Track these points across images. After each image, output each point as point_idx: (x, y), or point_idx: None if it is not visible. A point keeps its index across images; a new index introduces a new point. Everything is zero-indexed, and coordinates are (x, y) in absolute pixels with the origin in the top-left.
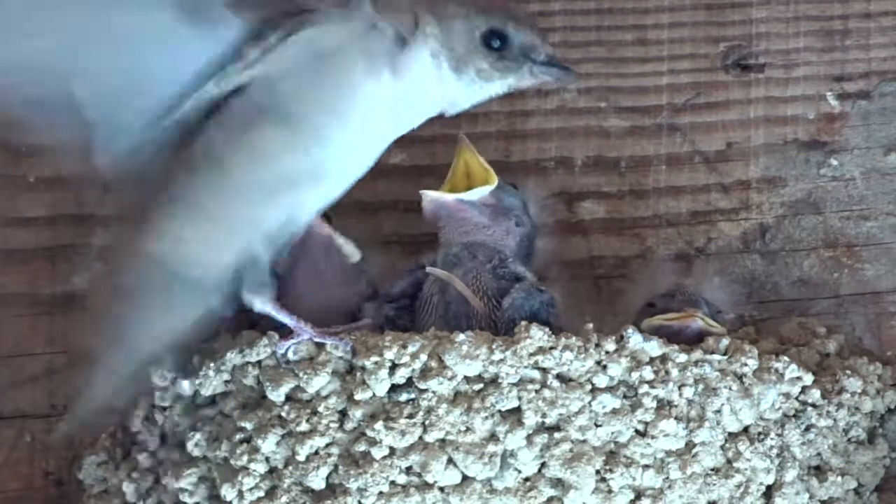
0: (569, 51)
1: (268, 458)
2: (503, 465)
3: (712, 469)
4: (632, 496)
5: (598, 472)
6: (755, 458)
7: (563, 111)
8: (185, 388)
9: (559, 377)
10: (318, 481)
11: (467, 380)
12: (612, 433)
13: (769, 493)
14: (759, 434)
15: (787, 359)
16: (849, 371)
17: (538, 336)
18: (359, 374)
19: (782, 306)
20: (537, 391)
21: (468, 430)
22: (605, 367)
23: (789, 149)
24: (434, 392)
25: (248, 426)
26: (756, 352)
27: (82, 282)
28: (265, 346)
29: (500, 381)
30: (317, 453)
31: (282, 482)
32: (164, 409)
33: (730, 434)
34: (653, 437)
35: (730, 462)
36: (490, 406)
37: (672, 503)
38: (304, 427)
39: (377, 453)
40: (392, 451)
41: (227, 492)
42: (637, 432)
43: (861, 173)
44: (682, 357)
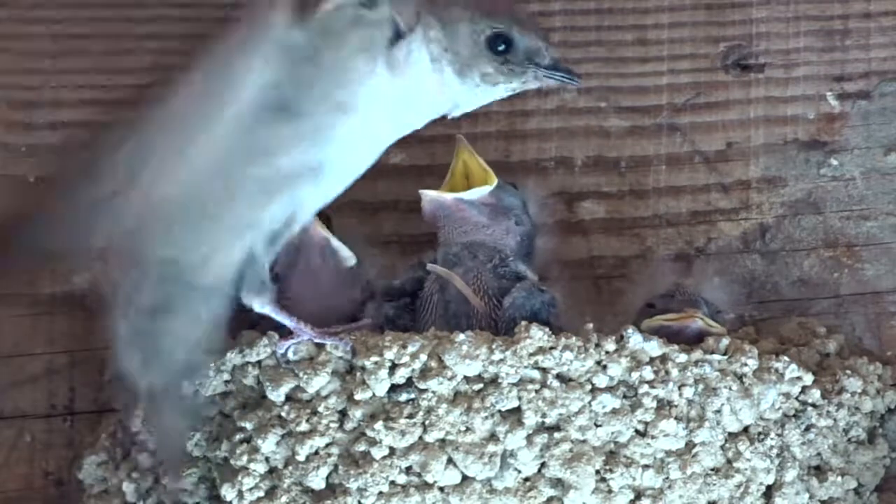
0: (569, 51)
1: (268, 458)
2: (503, 465)
3: (712, 469)
4: (632, 496)
5: (598, 472)
6: (755, 458)
7: (563, 111)
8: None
9: (559, 377)
10: (318, 481)
11: (467, 380)
12: (612, 433)
13: (769, 493)
14: (759, 434)
15: (787, 359)
16: (849, 371)
17: (538, 336)
18: (359, 374)
19: (782, 306)
20: (537, 391)
21: (468, 430)
22: (605, 367)
23: (789, 149)
24: (434, 392)
25: (248, 426)
26: (756, 352)
27: (82, 282)
28: (265, 346)
29: (500, 381)
30: (317, 453)
31: (282, 482)
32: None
33: (730, 434)
34: (653, 437)
35: (730, 462)
36: (490, 406)
37: (672, 503)
38: (304, 427)
39: (377, 453)
40: (392, 451)
41: (227, 492)
42: (637, 432)
43: (861, 173)
44: (682, 357)
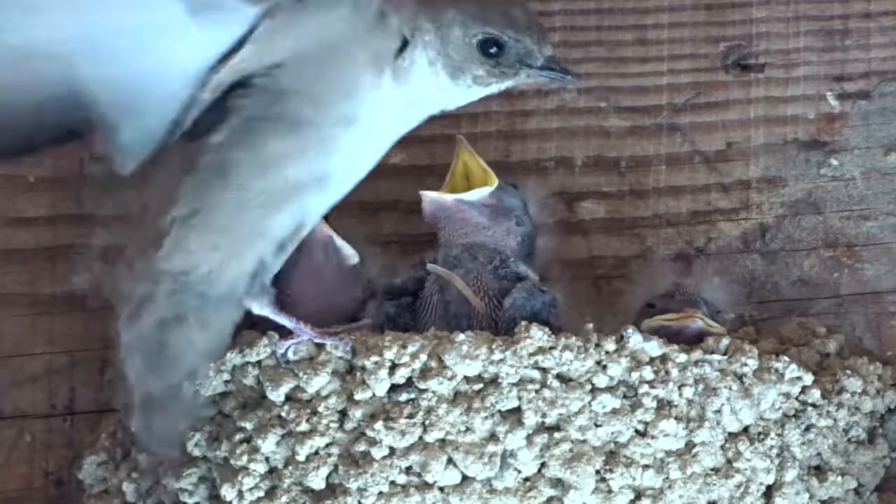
0: (569, 51)
1: (268, 458)
2: (503, 465)
3: (712, 469)
4: (632, 496)
5: (598, 472)
6: (755, 458)
7: (563, 111)
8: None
9: (559, 377)
10: (318, 481)
11: (467, 380)
12: (612, 433)
13: (769, 493)
14: (759, 434)
15: (787, 359)
16: (849, 371)
17: (538, 336)
18: (359, 374)
19: (782, 306)
20: (537, 391)
21: (468, 430)
22: (605, 367)
23: (789, 149)
24: (434, 392)
25: (248, 426)
26: (756, 352)
27: (82, 282)
28: (265, 346)
29: (500, 381)
30: (317, 453)
31: (282, 482)
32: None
33: (730, 434)
34: (653, 437)
35: (730, 462)
36: (490, 406)
37: (672, 503)
38: (304, 427)
39: (377, 453)
40: (392, 451)
41: (227, 492)
42: (637, 432)
43: (861, 173)
44: (682, 357)
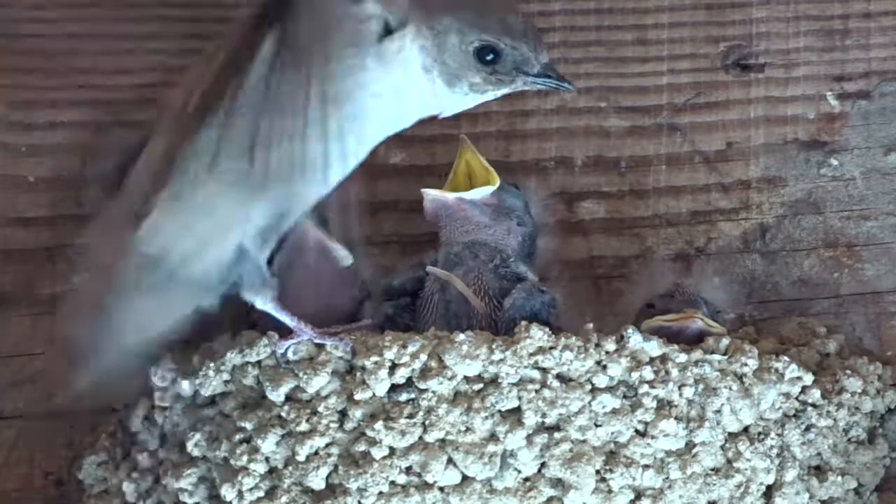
0: (569, 51)
1: (268, 458)
2: (503, 465)
3: (712, 469)
4: (632, 496)
5: (598, 472)
6: (755, 458)
7: (563, 111)
8: (185, 388)
9: (559, 377)
10: (318, 481)
11: (467, 380)
12: (612, 433)
13: (769, 493)
14: (759, 434)
15: (787, 359)
16: (849, 371)
17: (538, 336)
18: (359, 374)
19: (782, 306)
20: (537, 391)
21: (468, 430)
22: (605, 367)
23: (789, 149)
24: (434, 392)
25: (248, 426)
26: (756, 352)
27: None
28: (265, 346)
29: (500, 381)
30: (317, 453)
31: (282, 482)
32: (164, 409)
33: (730, 434)
34: (653, 437)
35: (730, 462)
36: (490, 406)
37: (672, 503)
38: (304, 427)
39: (377, 453)
40: (392, 451)
41: (227, 492)
42: (637, 432)
43: (861, 173)
44: (682, 357)
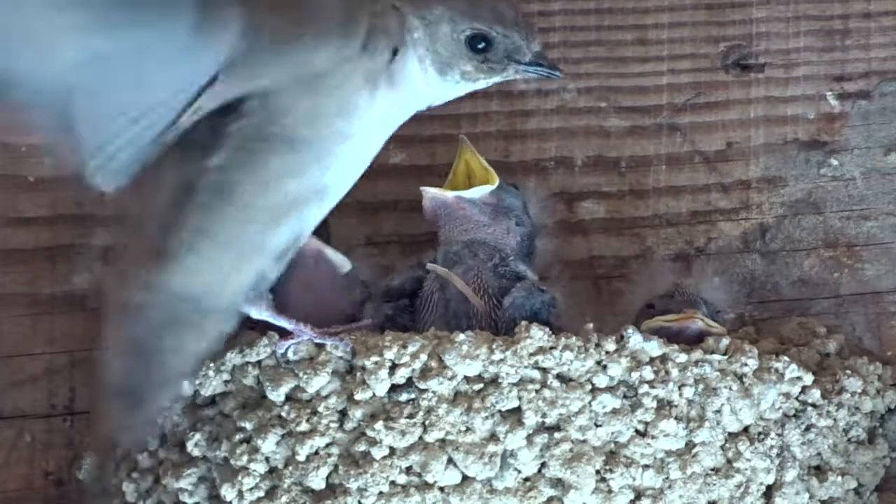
0: (569, 51)
1: (268, 458)
2: (503, 465)
3: (712, 469)
4: (632, 496)
5: (598, 472)
6: (755, 458)
7: (563, 111)
8: (185, 387)
9: (559, 377)
10: (318, 481)
11: (467, 380)
12: (612, 433)
13: (769, 493)
14: (759, 434)
15: (787, 359)
16: (849, 371)
17: (538, 336)
18: (359, 374)
19: (782, 306)
20: (537, 391)
21: (468, 430)
22: (605, 367)
23: (789, 149)
24: (434, 392)
25: (248, 426)
26: (756, 352)
27: (82, 282)
28: (265, 346)
29: (500, 380)
30: (317, 453)
31: (282, 482)
32: (164, 409)
33: (730, 434)
34: (653, 437)
35: (730, 462)
36: (490, 406)
37: (672, 503)
38: (304, 427)
39: (377, 453)
40: (392, 451)
41: (227, 492)
42: (637, 432)
43: (861, 173)
44: (682, 357)
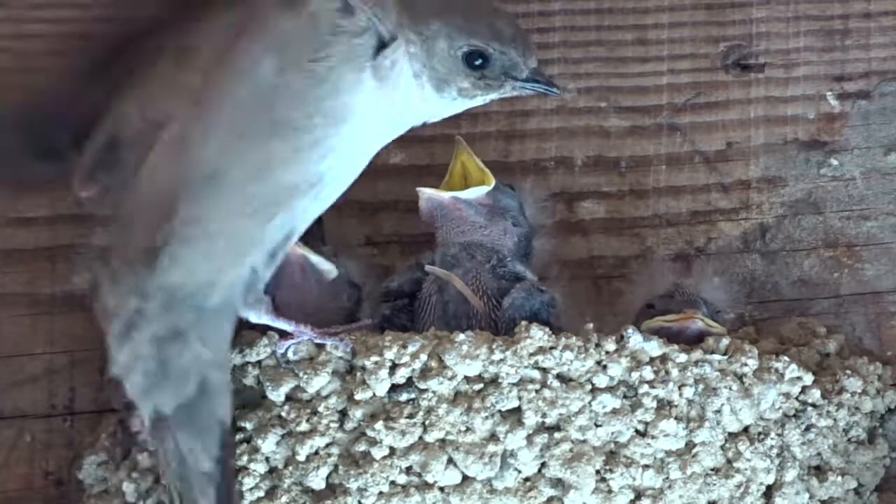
0: (569, 51)
1: (268, 458)
2: (503, 465)
3: (712, 469)
4: (632, 496)
5: (598, 472)
6: (755, 458)
7: (563, 111)
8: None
9: (559, 377)
10: (318, 481)
11: (467, 380)
12: (612, 433)
13: (769, 493)
14: (759, 434)
15: (787, 359)
16: (849, 371)
17: (538, 336)
18: (359, 374)
19: (782, 306)
20: (537, 391)
21: (468, 430)
22: (605, 367)
23: (789, 149)
24: (434, 392)
25: (248, 426)
26: (756, 352)
27: (82, 282)
28: (265, 346)
29: (500, 381)
30: (317, 453)
31: (282, 482)
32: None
33: (730, 434)
34: (653, 437)
35: (730, 462)
36: (490, 406)
37: (672, 503)
38: (304, 427)
39: (377, 453)
40: (392, 451)
41: None
42: (637, 432)
43: (861, 173)
44: (682, 357)
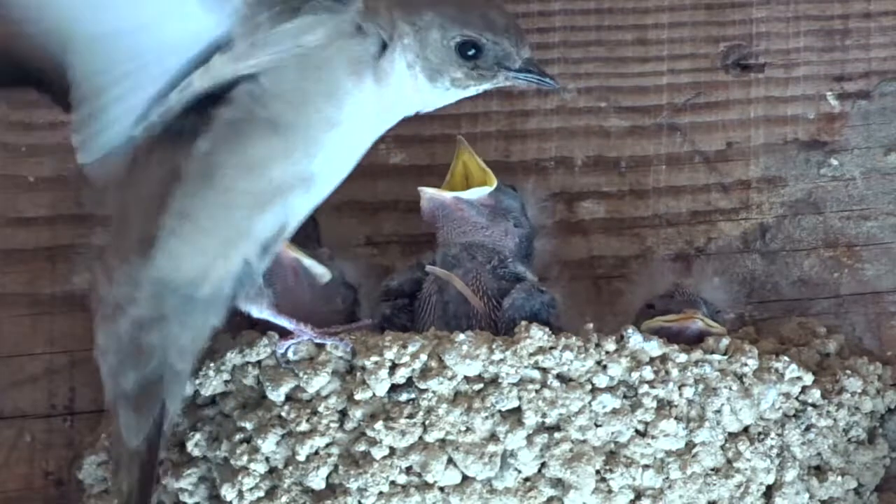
0: (569, 51)
1: (268, 458)
2: (503, 465)
3: (712, 469)
4: (632, 496)
5: (598, 472)
6: (755, 458)
7: (563, 111)
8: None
9: (559, 377)
10: (318, 481)
11: (467, 380)
12: (612, 433)
13: (769, 493)
14: (759, 434)
15: (787, 359)
16: (849, 371)
17: (538, 336)
18: (359, 374)
19: (782, 306)
20: (537, 391)
21: (468, 430)
22: (605, 367)
23: (789, 149)
24: (434, 392)
25: (248, 426)
26: (756, 352)
27: (82, 282)
28: (265, 346)
29: (500, 381)
30: (317, 453)
31: (282, 482)
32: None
33: (730, 434)
34: (653, 437)
35: (730, 462)
36: (490, 406)
37: (672, 503)
38: (304, 427)
39: (377, 453)
40: (392, 451)
41: (227, 492)
42: (637, 432)
43: (861, 173)
44: (682, 357)
